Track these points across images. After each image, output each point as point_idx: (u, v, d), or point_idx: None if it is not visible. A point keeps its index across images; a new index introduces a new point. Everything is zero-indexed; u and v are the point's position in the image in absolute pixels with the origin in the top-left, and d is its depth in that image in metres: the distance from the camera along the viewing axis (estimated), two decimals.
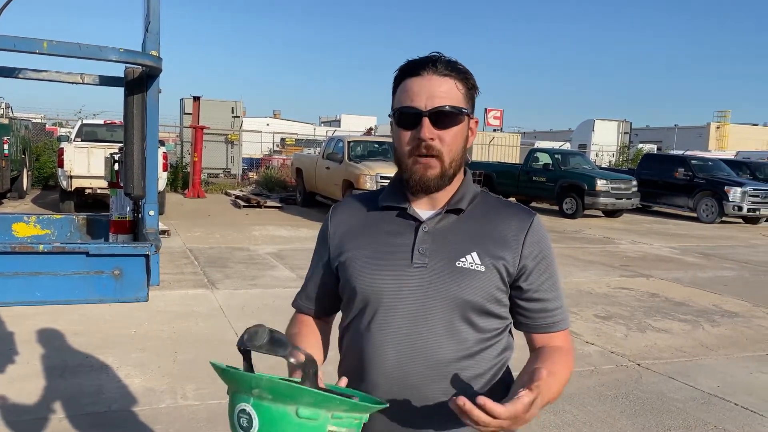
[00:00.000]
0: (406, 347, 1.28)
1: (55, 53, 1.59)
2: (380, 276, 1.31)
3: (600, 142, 32.52)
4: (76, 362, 4.26)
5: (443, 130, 1.29)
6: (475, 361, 1.31)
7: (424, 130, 1.27)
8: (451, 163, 1.31)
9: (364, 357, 1.32)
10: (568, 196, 15.58)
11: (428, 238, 1.32)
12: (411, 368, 1.27)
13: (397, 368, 1.28)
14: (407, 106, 1.28)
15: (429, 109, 1.27)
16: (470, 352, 1.30)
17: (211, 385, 3.96)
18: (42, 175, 16.21)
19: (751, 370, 4.79)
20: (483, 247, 1.31)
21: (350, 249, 1.37)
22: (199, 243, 9.05)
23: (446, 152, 1.30)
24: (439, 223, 1.33)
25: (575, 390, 4.19)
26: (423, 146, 1.28)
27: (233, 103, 19.52)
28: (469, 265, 1.29)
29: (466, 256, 1.30)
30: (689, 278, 8.36)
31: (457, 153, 1.32)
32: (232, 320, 5.36)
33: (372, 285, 1.32)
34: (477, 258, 1.30)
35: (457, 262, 1.29)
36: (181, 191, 16.55)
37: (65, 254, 1.67)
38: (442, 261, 1.29)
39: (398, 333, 1.29)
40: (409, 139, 1.29)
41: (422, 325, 1.28)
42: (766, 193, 16.18)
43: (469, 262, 1.29)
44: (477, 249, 1.31)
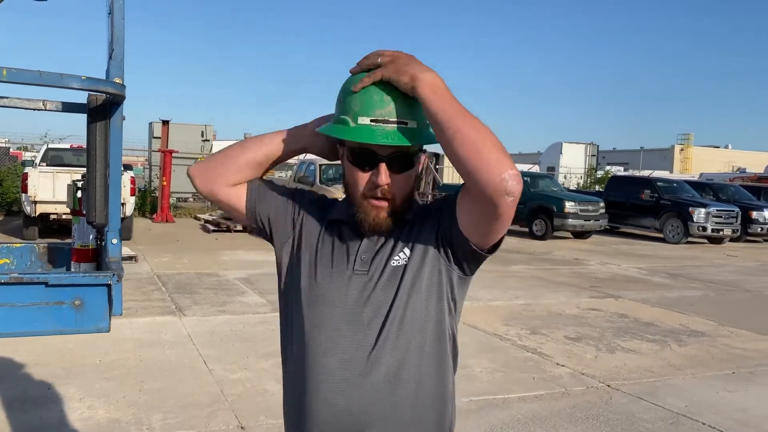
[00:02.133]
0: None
1: (16, 81, 1.57)
2: (325, 280, 1.34)
3: (568, 165, 33.05)
4: (37, 394, 4.13)
5: (400, 174, 1.28)
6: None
7: (382, 177, 1.26)
8: (402, 202, 1.32)
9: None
10: (538, 218, 15.76)
11: (371, 245, 1.34)
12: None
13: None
14: (365, 147, 1.25)
15: (388, 154, 1.25)
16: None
17: (178, 414, 3.87)
18: (5, 201, 15.85)
19: (717, 389, 4.86)
20: (410, 242, 1.33)
21: (304, 244, 1.40)
22: (167, 269, 8.91)
23: (399, 195, 1.30)
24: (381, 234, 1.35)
25: (547, 413, 4.20)
26: (379, 191, 1.27)
27: (203, 126, 19.43)
28: (401, 261, 1.31)
29: (399, 254, 1.32)
30: (657, 298, 8.48)
31: (408, 192, 1.32)
32: (200, 348, 5.26)
33: (317, 287, 1.35)
34: (407, 251, 1.32)
35: (392, 260, 1.32)
36: (149, 216, 16.32)
37: (24, 285, 1.62)
38: (381, 265, 1.33)
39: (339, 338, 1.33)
40: (366, 181, 1.28)
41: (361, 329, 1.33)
42: (729, 214, 16.58)
43: (401, 258, 1.31)
44: (407, 245, 1.33)
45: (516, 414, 4.16)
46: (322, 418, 1.29)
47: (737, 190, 19.90)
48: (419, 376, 1.31)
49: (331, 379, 1.29)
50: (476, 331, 6.21)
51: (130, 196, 11.52)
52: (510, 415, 4.15)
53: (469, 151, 1.14)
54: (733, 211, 16.78)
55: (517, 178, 1.13)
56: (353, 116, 1.24)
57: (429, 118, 1.21)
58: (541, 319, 6.90)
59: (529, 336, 6.17)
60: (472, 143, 1.14)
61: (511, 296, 8.15)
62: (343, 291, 1.32)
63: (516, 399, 4.43)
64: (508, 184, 1.12)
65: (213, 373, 4.67)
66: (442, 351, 1.35)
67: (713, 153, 51.38)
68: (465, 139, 1.15)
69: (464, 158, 1.15)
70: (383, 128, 1.22)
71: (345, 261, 1.34)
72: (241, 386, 4.42)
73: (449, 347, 1.37)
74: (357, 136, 1.23)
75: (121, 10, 1.79)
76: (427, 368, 1.32)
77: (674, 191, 17.51)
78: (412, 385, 1.30)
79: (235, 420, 3.84)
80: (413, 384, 1.30)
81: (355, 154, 1.27)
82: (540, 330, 6.42)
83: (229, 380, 4.52)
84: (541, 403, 4.38)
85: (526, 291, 8.57)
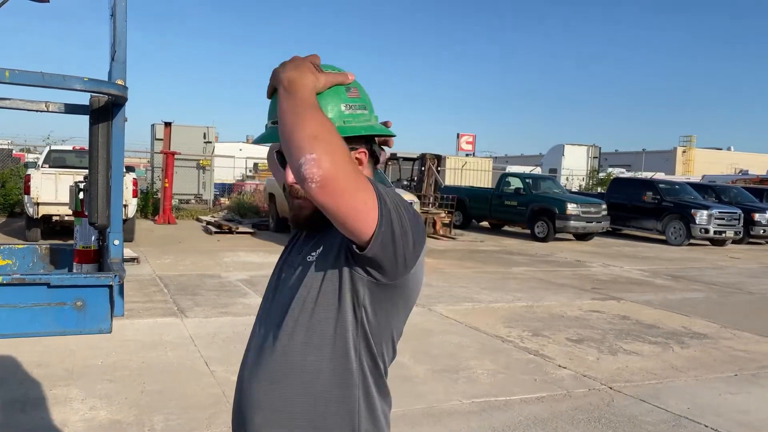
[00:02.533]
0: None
1: (18, 82, 1.58)
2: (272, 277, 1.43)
3: (570, 167, 33.07)
4: (38, 395, 4.13)
5: None
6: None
7: (287, 176, 1.29)
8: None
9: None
10: (540, 220, 15.76)
11: (303, 243, 1.40)
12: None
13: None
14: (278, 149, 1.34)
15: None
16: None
17: (180, 416, 3.88)
18: (8, 202, 15.88)
19: (719, 392, 4.85)
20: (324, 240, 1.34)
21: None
22: (169, 270, 8.91)
23: None
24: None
25: (548, 415, 4.20)
26: (288, 190, 1.32)
27: (205, 128, 19.47)
28: (312, 257, 1.33)
29: (312, 252, 1.33)
30: (659, 300, 8.47)
31: None
32: (201, 349, 5.27)
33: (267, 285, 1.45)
34: (319, 250, 1.32)
35: (308, 257, 1.34)
36: (151, 217, 16.34)
37: (25, 285, 1.63)
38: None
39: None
40: (283, 180, 1.34)
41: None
42: (731, 216, 16.56)
43: (312, 255, 1.33)
44: (322, 242, 1.33)
45: (517, 416, 4.16)
46: (234, 405, 1.38)
47: (739, 192, 19.88)
48: (304, 381, 1.27)
49: (242, 371, 1.38)
50: (478, 333, 6.21)
51: (133, 197, 11.53)
52: (511, 417, 4.14)
53: (282, 136, 1.12)
54: (736, 213, 16.76)
55: (314, 162, 1.05)
56: (268, 121, 1.34)
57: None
58: (542, 321, 6.89)
59: (531, 338, 6.17)
60: (285, 127, 1.11)
61: (513, 298, 8.14)
62: (273, 281, 1.42)
63: (518, 401, 4.43)
64: (303, 168, 1.06)
65: (215, 374, 4.67)
66: (340, 358, 1.27)
67: (716, 155, 51.35)
68: (282, 126, 1.13)
69: (282, 146, 1.14)
70: (267, 128, 1.31)
71: (284, 255, 1.44)
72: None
73: (351, 355, 1.27)
74: (256, 139, 1.36)
75: (123, 13, 1.80)
76: (316, 376, 1.27)
77: (676, 193, 17.50)
78: (294, 387, 1.28)
79: None
80: (296, 386, 1.28)
81: (277, 155, 1.37)
82: (542, 332, 6.42)
83: (231, 382, 4.49)
84: (542, 405, 4.38)
85: (528, 293, 8.57)
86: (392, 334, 1.33)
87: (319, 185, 1.05)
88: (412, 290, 1.32)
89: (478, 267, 10.75)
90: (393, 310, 1.30)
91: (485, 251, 13.19)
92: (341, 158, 1.08)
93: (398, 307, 1.31)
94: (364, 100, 1.31)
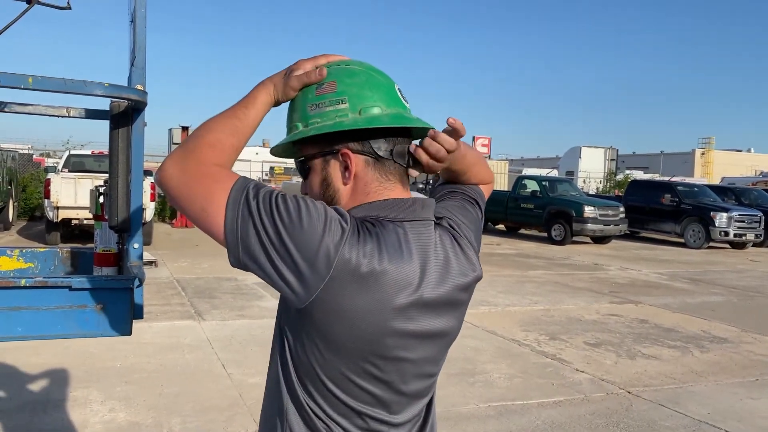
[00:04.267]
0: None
1: (41, 88, 1.60)
2: None
3: (587, 169, 32.85)
4: (59, 396, 4.19)
5: (305, 181, 1.24)
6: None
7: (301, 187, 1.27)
8: None
9: None
10: (557, 223, 15.66)
11: None
12: None
13: None
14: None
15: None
16: None
17: (197, 418, 3.90)
18: (29, 206, 16.10)
19: (740, 397, 4.79)
20: None
21: None
22: (187, 273, 8.98)
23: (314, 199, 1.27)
24: None
25: (566, 419, 4.17)
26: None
27: None
28: None
29: None
30: (678, 304, 8.38)
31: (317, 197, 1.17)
32: (218, 352, 5.30)
33: None
34: None
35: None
36: (169, 221, 16.48)
37: (48, 288, 1.66)
38: None
39: None
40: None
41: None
42: (751, 219, 16.35)
43: None
44: None
45: (535, 420, 4.13)
46: None
47: (760, 195, 19.61)
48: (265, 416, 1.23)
49: None
50: (494, 337, 6.19)
51: (150, 201, 11.64)
52: (529, 421, 4.12)
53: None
54: (756, 215, 16.53)
55: (158, 171, 1.07)
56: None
57: None
58: (560, 325, 6.85)
59: (548, 341, 6.13)
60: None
61: (530, 301, 8.10)
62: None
63: (535, 405, 4.41)
64: (155, 177, 1.09)
65: (231, 377, 4.70)
66: (273, 384, 1.16)
67: (735, 156, 50.74)
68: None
69: None
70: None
71: None
72: (260, 390, 4.41)
73: (280, 384, 1.13)
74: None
75: (143, 19, 1.82)
76: (266, 402, 1.23)
77: (695, 195, 17.31)
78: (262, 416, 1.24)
79: (254, 424, 3.85)
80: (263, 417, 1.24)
81: None
82: (559, 335, 6.38)
83: (248, 384, 4.54)
84: (560, 410, 4.35)
85: (545, 296, 8.51)
86: (319, 376, 1.07)
87: (167, 195, 1.06)
88: (328, 325, 1.03)
89: (495, 270, 10.71)
90: (310, 346, 1.06)
91: (502, 254, 13.13)
92: (182, 162, 1.05)
93: (315, 344, 1.06)
94: (342, 92, 1.13)
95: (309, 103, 1.14)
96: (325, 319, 1.02)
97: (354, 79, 1.15)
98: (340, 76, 1.16)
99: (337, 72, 1.16)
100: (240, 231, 1.00)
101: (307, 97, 1.16)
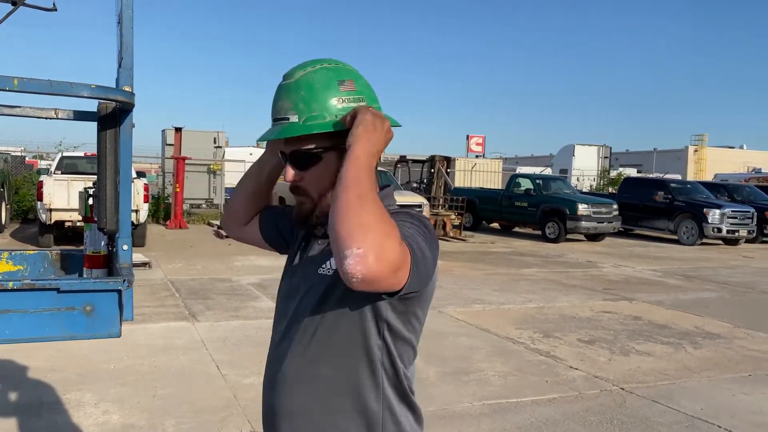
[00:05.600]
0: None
1: (26, 90, 1.60)
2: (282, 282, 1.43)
3: (580, 167, 32.90)
4: (52, 399, 4.17)
5: (306, 170, 1.29)
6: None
7: (287, 173, 1.29)
8: (321, 198, 1.31)
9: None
10: (551, 221, 15.70)
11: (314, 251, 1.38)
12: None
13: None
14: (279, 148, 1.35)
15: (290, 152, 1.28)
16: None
17: (192, 419, 3.89)
18: (22, 209, 16.03)
19: (733, 392, 4.81)
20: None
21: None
22: (181, 274, 8.96)
23: (314, 191, 1.30)
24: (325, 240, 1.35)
25: (560, 416, 4.18)
26: (289, 188, 1.32)
27: (215, 133, 19.51)
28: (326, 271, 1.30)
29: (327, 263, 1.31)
30: (671, 301, 8.41)
31: (327, 189, 1.28)
32: (213, 353, 5.29)
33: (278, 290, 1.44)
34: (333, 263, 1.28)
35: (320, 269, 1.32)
36: (162, 222, 16.43)
37: (35, 291, 1.65)
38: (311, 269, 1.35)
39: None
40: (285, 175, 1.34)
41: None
42: (744, 215, 16.42)
43: (327, 268, 1.31)
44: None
45: (529, 418, 4.14)
46: (261, 408, 1.42)
47: (752, 191, 19.71)
48: (326, 389, 1.28)
49: (265, 373, 1.41)
50: (489, 335, 6.20)
51: (144, 202, 11.59)
52: (523, 418, 4.13)
53: (333, 214, 1.08)
54: (749, 211, 16.61)
55: (359, 259, 1.00)
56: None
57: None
58: (553, 323, 6.86)
59: (542, 339, 6.14)
60: (338, 206, 1.07)
61: (524, 299, 8.11)
62: (286, 294, 1.40)
63: (529, 402, 4.41)
64: (346, 262, 1.02)
65: (226, 378, 4.69)
66: (360, 368, 1.27)
67: (728, 153, 50.92)
68: (336, 208, 1.07)
69: (330, 222, 1.08)
70: (272, 126, 1.29)
71: (293, 258, 1.43)
72: (254, 391, 4.43)
73: (370, 365, 1.27)
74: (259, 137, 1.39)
75: (129, 20, 1.82)
76: (334, 383, 1.28)
77: (688, 192, 17.37)
78: (317, 395, 1.29)
79: (248, 425, 3.85)
80: (319, 395, 1.29)
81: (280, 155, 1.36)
82: (553, 333, 6.39)
83: (242, 385, 4.53)
84: (554, 407, 4.36)
85: (539, 294, 8.53)
86: (413, 343, 1.32)
87: (361, 281, 1.03)
88: (430, 292, 1.31)
89: (489, 268, 10.72)
90: (413, 318, 1.29)
91: (496, 252, 13.15)
92: (389, 253, 1.04)
93: (417, 315, 1.30)
94: (361, 92, 1.26)
95: (334, 97, 1.22)
96: (430, 288, 1.28)
97: (362, 80, 1.28)
98: (353, 76, 1.26)
99: (349, 72, 1.26)
100: (418, 262, 1.16)
101: (331, 89, 1.23)
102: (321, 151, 1.26)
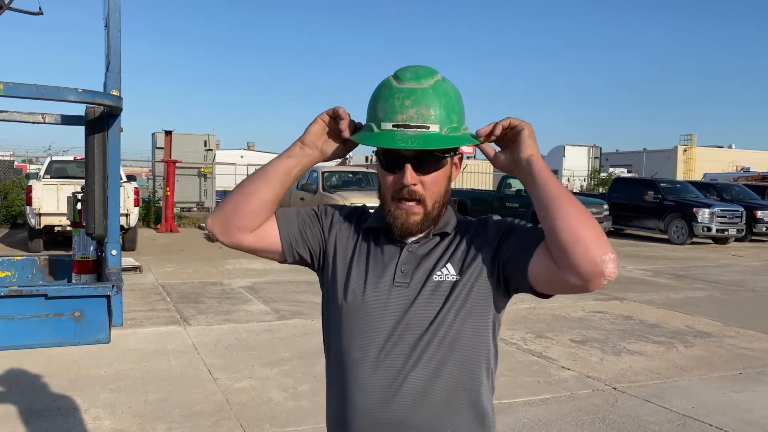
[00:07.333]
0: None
1: (13, 95, 1.58)
2: (364, 290, 1.34)
3: (571, 167, 33.02)
4: (42, 405, 4.13)
5: (427, 175, 1.29)
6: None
7: (407, 176, 1.27)
8: (434, 205, 1.32)
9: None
10: None
11: (411, 258, 1.35)
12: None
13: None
14: (391, 150, 1.28)
15: (413, 155, 1.27)
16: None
17: (183, 424, 3.87)
18: (11, 214, 15.91)
19: (724, 390, 4.84)
20: (457, 259, 1.34)
21: (339, 256, 1.40)
22: (172, 278, 8.92)
23: (429, 196, 1.31)
24: (421, 246, 1.36)
25: (553, 417, 4.18)
26: (406, 191, 1.29)
27: (206, 136, 19.47)
28: (445, 277, 1.32)
29: (442, 269, 1.33)
30: (662, 300, 8.45)
31: (440, 195, 1.33)
32: (204, 357, 5.26)
33: (355, 298, 1.34)
34: (452, 269, 1.33)
35: (434, 275, 1.32)
36: (153, 226, 16.35)
37: (23, 297, 1.63)
38: (422, 278, 1.33)
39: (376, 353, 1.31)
40: (394, 183, 1.30)
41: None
42: (733, 214, 16.52)
43: (444, 274, 1.32)
44: (452, 262, 1.34)
45: (522, 418, 4.15)
46: (359, 428, 1.31)
47: (741, 190, 19.84)
48: (450, 393, 1.31)
49: (368, 390, 1.30)
50: None
51: (134, 206, 11.53)
52: (516, 419, 4.13)
53: (571, 226, 1.18)
54: (738, 210, 16.72)
55: (616, 262, 1.17)
56: (377, 123, 1.28)
57: (532, 189, 1.27)
58: (545, 323, 6.88)
59: (534, 339, 6.16)
60: (573, 218, 1.19)
61: (516, 300, 8.07)
62: (382, 302, 1.32)
63: (521, 403, 4.42)
64: (607, 266, 1.16)
65: (218, 382, 4.67)
66: (479, 369, 1.35)
67: (717, 153, 51.24)
68: (567, 214, 1.19)
69: (563, 232, 1.18)
70: (404, 132, 1.25)
71: (384, 271, 1.35)
72: (246, 395, 4.42)
73: (486, 365, 1.38)
74: (380, 141, 1.26)
75: (117, 23, 1.81)
76: (459, 386, 1.32)
77: (678, 192, 17.47)
78: (441, 401, 1.30)
79: (240, 429, 3.83)
80: (443, 400, 1.31)
81: (383, 158, 1.32)
82: (545, 333, 6.41)
83: (234, 389, 4.52)
84: (546, 407, 4.37)
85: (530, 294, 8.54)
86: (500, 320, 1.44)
87: (608, 282, 1.17)
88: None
89: None
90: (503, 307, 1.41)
91: None
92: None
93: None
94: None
95: (462, 109, 1.32)
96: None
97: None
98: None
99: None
100: None
101: (460, 100, 1.32)
102: (447, 157, 1.32)
